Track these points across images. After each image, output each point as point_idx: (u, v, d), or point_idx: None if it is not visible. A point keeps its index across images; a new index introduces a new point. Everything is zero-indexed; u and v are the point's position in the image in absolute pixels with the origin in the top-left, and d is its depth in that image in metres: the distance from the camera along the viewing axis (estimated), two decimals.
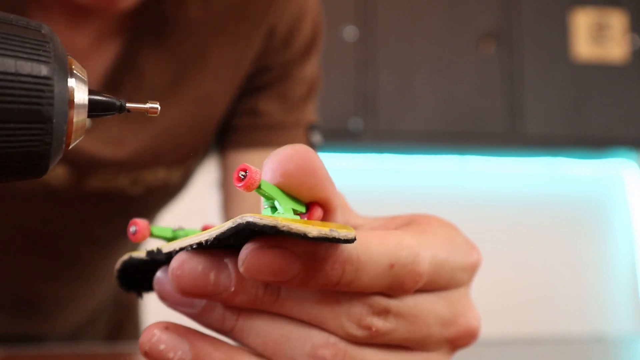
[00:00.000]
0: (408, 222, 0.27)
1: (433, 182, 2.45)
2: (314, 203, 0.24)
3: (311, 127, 0.64)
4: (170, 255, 0.24)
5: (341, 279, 0.23)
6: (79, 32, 0.54)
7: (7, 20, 0.20)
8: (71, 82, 0.21)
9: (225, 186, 0.65)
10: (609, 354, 0.71)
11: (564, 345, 0.77)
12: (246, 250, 0.22)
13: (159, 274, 0.26)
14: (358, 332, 0.24)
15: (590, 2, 2.34)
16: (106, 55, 0.56)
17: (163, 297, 0.26)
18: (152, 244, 0.26)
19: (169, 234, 0.28)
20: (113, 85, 0.56)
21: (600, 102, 2.31)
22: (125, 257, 0.26)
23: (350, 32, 2.14)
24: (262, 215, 0.21)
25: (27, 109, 0.19)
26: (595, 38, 2.33)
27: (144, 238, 0.27)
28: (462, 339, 0.26)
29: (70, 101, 0.21)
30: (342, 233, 0.21)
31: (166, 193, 0.65)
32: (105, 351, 0.68)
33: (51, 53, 0.20)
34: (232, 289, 0.23)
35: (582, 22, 2.34)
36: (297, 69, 0.63)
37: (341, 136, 2.13)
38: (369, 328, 0.24)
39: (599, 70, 2.32)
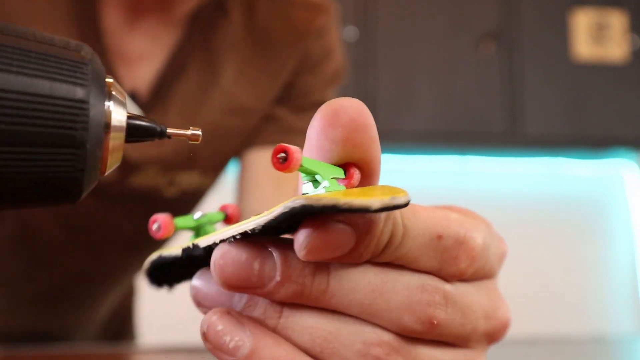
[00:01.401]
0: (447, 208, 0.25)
1: (433, 182, 2.45)
2: (350, 164, 0.22)
3: None
4: (209, 249, 0.22)
5: (389, 244, 0.21)
6: (135, 32, 0.59)
7: (47, 41, 0.19)
8: (109, 105, 0.20)
9: (239, 181, 0.69)
10: (609, 354, 0.71)
11: (564, 345, 0.77)
12: (306, 234, 0.20)
13: (195, 281, 0.24)
14: (418, 326, 0.22)
15: (590, 2, 2.34)
16: (159, 58, 0.60)
17: (200, 303, 0.24)
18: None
19: (191, 223, 0.26)
20: (161, 89, 0.60)
21: (600, 102, 2.30)
22: (154, 256, 0.25)
23: (350, 32, 2.14)
24: (317, 196, 0.19)
25: (59, 132, 0.18)
26: (595, 38, 2.33)
27: (169, 234, 0.25)
28: (499, 332, 0.25)
29: (107, 125, 0.19)
30: (402, 199, 0.19)
31: (197, 197, 0.68)
32: (105, 351, 0.68)
33: (89, 75, 0.19)
34: (278, 278, 0.21)
35: (582, 22, 2.33)
36: (317, 94, 0.68)
37: None
38: (430, 322, 0.22)
39: (599, 70, 2.32)
